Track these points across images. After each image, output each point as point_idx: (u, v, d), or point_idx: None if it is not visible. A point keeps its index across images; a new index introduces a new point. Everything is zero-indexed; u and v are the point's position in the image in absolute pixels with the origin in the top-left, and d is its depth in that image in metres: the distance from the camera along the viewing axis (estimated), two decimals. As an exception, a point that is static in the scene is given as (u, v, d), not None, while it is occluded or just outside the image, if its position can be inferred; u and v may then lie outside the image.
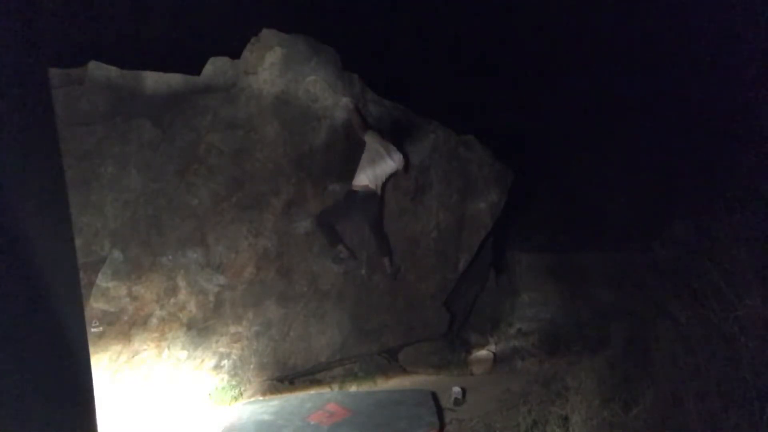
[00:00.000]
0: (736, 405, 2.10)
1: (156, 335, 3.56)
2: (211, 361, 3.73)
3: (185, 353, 3.64)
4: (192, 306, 3.66)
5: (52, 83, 3.16)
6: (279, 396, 3.79)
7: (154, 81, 3.67)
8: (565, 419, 2.84)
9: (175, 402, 3.55)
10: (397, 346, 4.46)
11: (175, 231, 3.62)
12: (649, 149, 4.93)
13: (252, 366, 3.85)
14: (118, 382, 3.41)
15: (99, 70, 3.53)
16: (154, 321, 3.56)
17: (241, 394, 3.78)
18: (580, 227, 5.03)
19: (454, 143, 4.54)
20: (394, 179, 4.27)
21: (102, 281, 3.42)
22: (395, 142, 4.04)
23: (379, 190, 4.00)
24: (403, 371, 4.34)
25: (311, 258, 4.01)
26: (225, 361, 3.77)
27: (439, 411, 3.42)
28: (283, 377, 3.99)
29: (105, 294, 3.43)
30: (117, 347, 3.44)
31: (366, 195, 3.93)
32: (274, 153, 3.87)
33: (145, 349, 3.53)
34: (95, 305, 3.40)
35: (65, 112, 3.38)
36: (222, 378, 3.76)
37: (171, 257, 3.60)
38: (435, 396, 3.64)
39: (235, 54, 3.90)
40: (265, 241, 3.84)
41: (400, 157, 3.98)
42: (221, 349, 3.75)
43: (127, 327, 3.48)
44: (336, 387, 4.03)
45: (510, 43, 5.53)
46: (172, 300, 3.60)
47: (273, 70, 3.87)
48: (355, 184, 3.91)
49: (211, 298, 3.71)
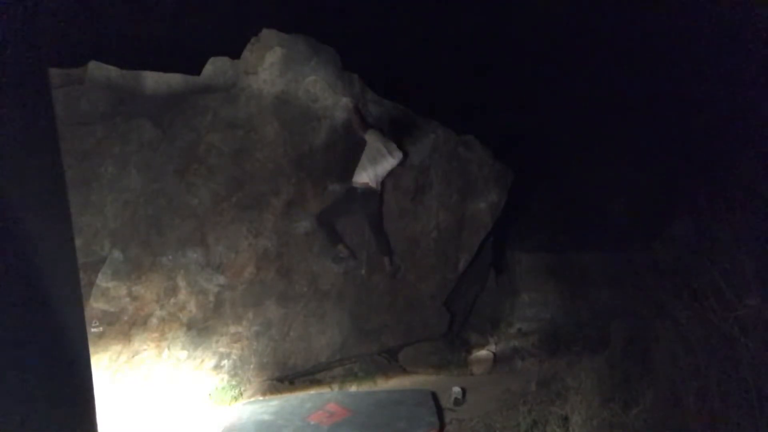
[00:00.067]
0: (736, 405, 2.10)
1: (156, 335, 3.56)
2: (211, 361, 3.73)
3: (185, 353, 3.64)
4: (192, 306, 3.66)
5: (52, 83, 3.16)
6: (279, 396, 3.79)
7: (154, 81, 3.68)
8: (565, 419, 2.84)
9: (175, 402, 3.55)
10: (397, 346, 4.46)
11: (175, 231, 3.62)
12: (649, 149, 4.93)
13: (252, 366, 3.85)
14: (118, 382, 3.41)
15: (99, 70, 3.54)
16: (154, 321, 3.56)
17: (241, 394, 3.78)
18: (580, 227, 5.03)
19: (454, 143, 4.54)
20: (394, 179, 4.27)
21: (102, 281, 3.42)
22: (395, 141, 4.05)
23: (379, 187, 4.03)
24: (403, 371, 4.34)
25: (311, 258, 4.01)
26: (225, 361, 3.77)
27: (439, 411, 3.42)
28: (283, 377, 3.99)
29: (105, 294, 3.43)
30: (117, 347, 3.44)
31: (366, 192, 3.95)
32: (274, 153, 3.87)
33: (145, 349, 3.53)
34: (95, 305, 3.40)
35: (65, 112, 3.38)
36: (222, 378, 3.77)
37: (171, 257, 3.60)
38: (435, 396, 3.64)
39: (235, 54, 3.91)
40: (265, 241, 3.84)
41: (399, 153, 3.99)
42: (221, 349, 3.75)
43: (127, 327, 3.48)
44: (336, 387, 4.03)
45: (510, 43, 5.52)
46: (172, 300, 3.61)
47: (273, 70, 3.87)
48: (356, 181, 3.94)
49: (211, 298, 3.71)
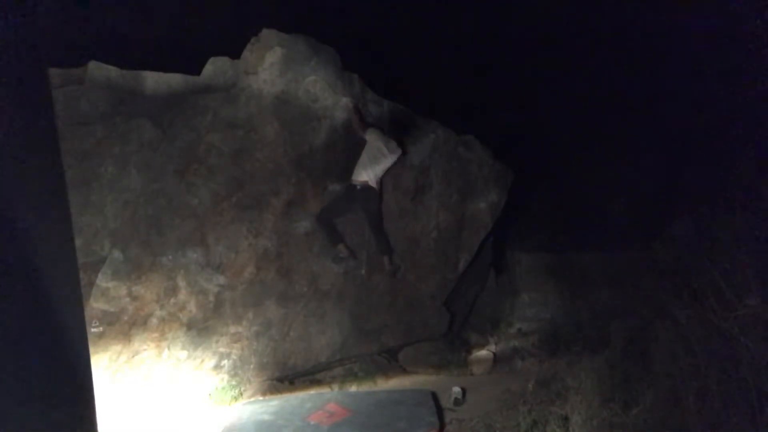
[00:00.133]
0: (736, 405, 2.10)
1: (156, 335, 3.56)
2: (211, 361, 3.73)
3: (185, 353, 3.64)
4: (192, 306, 3.66)
5: (52, 83, 3.16)
6: (279, 396, 3.79)
7: (154, 81, 3.67)
8: (565, 419, 2.84)
9: (175, 402, 3.55)
10: (397, 346, 4.46)
11: (175, 231, 3.62)
12: (649, 149, 4.92)
13: (252, 366, 3.85)
14: (118, 382, 3.41)
15: (99, 70, 3.54)
16: (154, 321, 3.56)
17: (241, 394, 3.78)
18: (580, 227, 5.02)
19: (454, 143, 4.54)
20: (394, 179, 4.27)
21: (102, 281, 3.42)
22: (395, 140, 4.06)
23: (379, 186, 4.05)
24: (403, 371, 4.34)
25: (311, 258, 4.01)
26: (225, 361, 3.77)
27: (439, 411, 3.42)
28: (283, 377, 3.99)
29: (105, 294, 3.43)
30: (117, 347, 3.44)
31: (365, 190, 3.97)
32: (274, 153, 3.87)
33: (145, 349, 3.53)
34: (95, 305, 3.40)
35: (65, 112, 3.38)
36: (222, 378, 3.76)
37: (171, 257, 3.60)
38: (435, 396, 3.64)
39: (235, 54, 3.91)
40: (265, 241, 3.84)
41: (398, 149, 4.01)
42: (221, 349, 3.75)
43: (127, 327, 3.48)
44: (336, 387, 4.03)
45: (510, 43, 5.52)
46: (172, 300, 3.61)
47: (273, 70, 3.87)
48: (355, 179, 3.95)
49: (211, 298, 3.71)
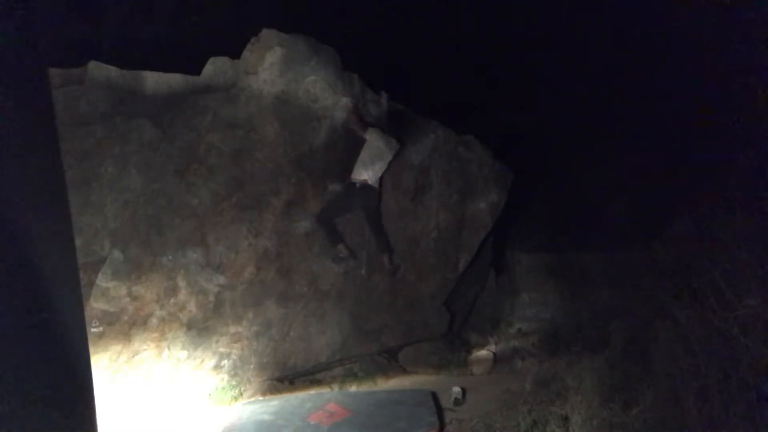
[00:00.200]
0: (736, 405, 2.10)
1: (156, 335, 3.56)
2: (211, 361, 3.73)
3: (185, 353, 3.64)
4: (192, 306, 3.66)
5: (52, 83, 3.16)
6: (279, 396, 3.79)
7: (154, 81, 3.67)
8: (565, 419, 2.84)
9: (175, 402, 3.55)
10: (397, 346, 4.46)
11: (175, 231, 3.62)
12: (649, 149, 4.92)
13: (252, 366, 3.85)
14: (118, 382, 3.41)
15: (99, 70, 3.54)
16: (154, 321, 3.56)
17: (241, 394, 3.78)
18: (580, 227, 5.02)
19: (454, 143, 4.54)
20: (394, 179, 4.27)
21: (102, 281, 3.42)
22: (395, 138, 4.07)
23: (377, 184, 4.06)
24: (403, 371, 4.34)
25: (311, 258, 4.01)
26: (225, 361, 3.77)
27: (439, 411, 3.42)
28: (283, 377, 3.99)
29: (105, 294, 3.43)
30: (117, 347, 3.44)
31: (365, 188, 3.98)
32: (274, 153, 3.87)
33: (145, 349, 3.52)
34: (95, 305, 3.40)
35: (65, 112, 3.38)
36: (222, 378, 3.76)
37: (171, 257, 3.60)
38: (435, 396, 3.64)
39: (235, 54, 3.91)
40: (265, 241, 3.84)
41: (396, 144, 4.02)
42: (221, 349, 3.75)
43: (127, 327, 3.48)
44: (336, 387, 4.03)
45: (510, 43, 5.52)
46: (172, 300, 3.61)
47: (273, 70, 3.87)
48: (355, 177, 3.96)
49: (211, 298, 3.71)
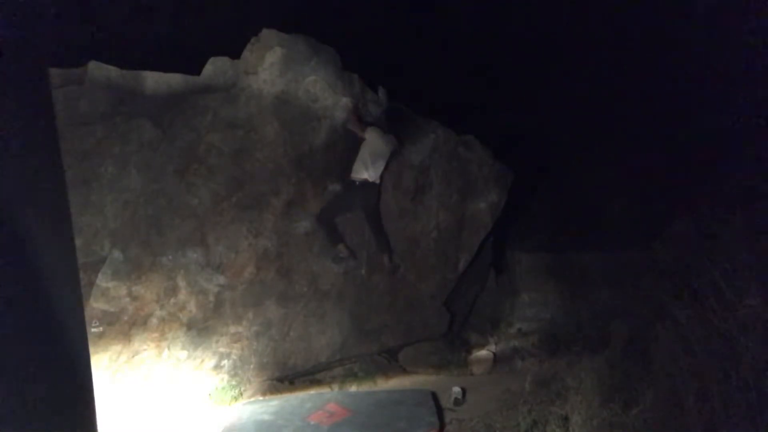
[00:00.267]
0: (736, 405, 2.10)
1: (156, 335, 3.56)
2: (211, 361, 3.73)
3: (185, 353, 3.64)
4: (192, 306, 3.66)
5: (52, 83, 3.16)
6: (279, 396, 3.79)
7: (154, 81, 3.67)
8: (565, 419, 2.84)
9: (175, 402, 3.55)
10: (397, 346, 4.46)
11: (175, 231, 3.62)
12: (649, 149, 4.92)
13: (252, 366, 3.85)
14: (118, 382, 3.41)
15: (99, 70, 3.53)
16: (154, 321, 3.56)
17: (241, 394, 3.78)
18: (580, 227, 5.02)
19: (454, 143, 4.54)
20: (394, 179, 4.27)
21: (102, 281, 3.42)
22: (394, 136, 4.08)
23: (378, 181, 4.07)
24: (403, 371, 4.34)
25: (311, 258, 4.01)
26: (225, 361, 3.77)
27: (439, 411, 3.42)
28: (283, 377, 3.99)
29: (105, 294, 3.43)
30: (117, 347, 3.44)
31: (365, 186, 3.99)
32: (274, 153, 3.87)
33: (145, 349, 3.52)
34: (95, 305, 3.40)
35: (65, 112, 3.38)
36: (222, 378, 3.76)
37: (171, 257, 3.60)
38: (435, 396, 3.64)
39: (235, 54, 3.90)
40: (265, 241, 3.84)
41: (394, 141, 4.03)
42: (221, 349, 3.75)
43: (127, 327, 3.48)
44: (336, 387, 4.03)
45: (510, 43, 5.52)
46: (172, 300, 3.60)
47: (273, 70, 3.87)
48: (355, 176, 3.96)
49: (211, 298, 3.71)
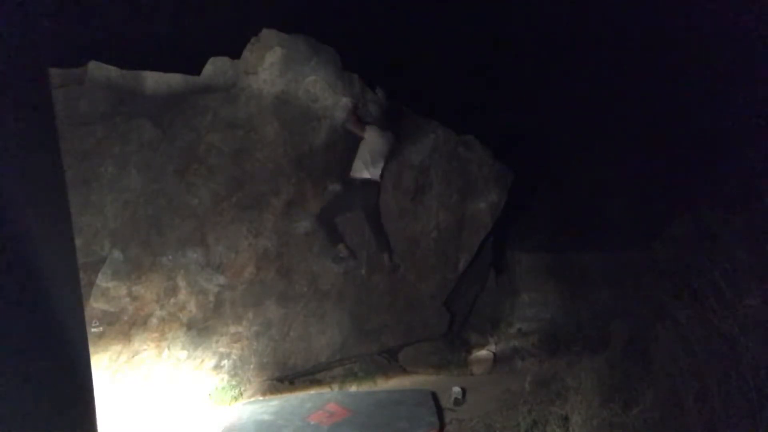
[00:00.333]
0: (736, 405, 2.10)
1: (156, 335, 3.56)
2: (211, 361, 3.73)
3: (185, 353, 3.64)
4: (192, 306, 3.66)
5: (52, 83, 3.16)
6: (279, 396, 3.79)
7: (154, 81, 3.67)
8: (565, 419, 2.83)
9: (175, 402, 3.55)
10: (397, 346, 4.46)
11: (175, 231, 3.62)
12: (649, 149, 4.92)
13: (252, 366, 3.85)
14: (118, 382, 3.41)
15: (99, 70, 3.54)
16: (154, 321, 3.56)
17: (241, 394, 3.78)
18: (580, 227, 5.02)
19: (454, 143, 4.54)
20: (394, 179, 4.27)
21: (102, 281, 3.42)
22: (395, 140, 4.08)
23: (378, 179, 4.07)
24: (403, 371, 4.34)
25: (311, 258, 4.01)
26: (225, 361, 3.77)
27: (439, 411, 3.42)
28: (283, 377, 3.99)
29: (105, 294, 3.43)
30: (117, 347, 3.44)
31: (365, 185, 4.00)
32: (274, 153, 3.87)
33: (145, 349, 3.52)
34: (95, 305, 3.40)
35: (65, 112, 3.38)
36: (222, 378, 3.76)
37: (171, 257, 3.60)
38: (435, 396, 3.64)
39: (235, 54, 3.91)
40: (265, 241, 3.84)
41: (391, 136, 4.03)
42: (221, 349, 3.75)
43: (127, 327, 3.48)
44: (336, 387, 4.03)
45: (510, 43, 5.53)
46: (172, 300, 3.60)
47: (273, 70, 3.87)
48: (354, 174, 3.97)
49: (211, 298, 3.71)
